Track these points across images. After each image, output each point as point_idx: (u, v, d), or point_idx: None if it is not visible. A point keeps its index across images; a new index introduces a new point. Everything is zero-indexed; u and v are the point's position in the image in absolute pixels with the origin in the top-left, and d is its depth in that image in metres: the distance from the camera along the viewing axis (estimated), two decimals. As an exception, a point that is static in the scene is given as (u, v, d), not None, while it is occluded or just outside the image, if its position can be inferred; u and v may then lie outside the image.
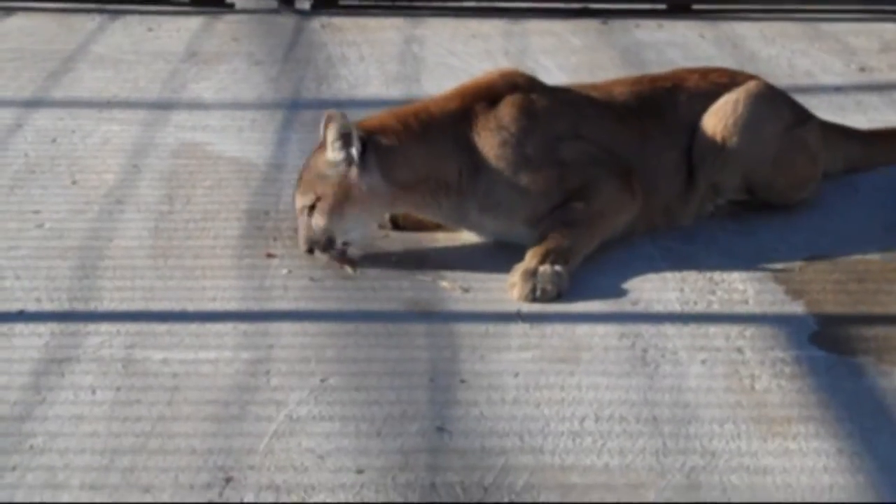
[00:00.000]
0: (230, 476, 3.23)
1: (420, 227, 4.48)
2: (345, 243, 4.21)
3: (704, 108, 4.51)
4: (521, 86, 4.37)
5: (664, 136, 4.46)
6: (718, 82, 4.60)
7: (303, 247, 4.19)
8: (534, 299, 4.04)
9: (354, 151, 4.11)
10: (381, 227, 4.50)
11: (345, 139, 4.10)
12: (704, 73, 4.68)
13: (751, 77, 4.74)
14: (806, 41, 6.64)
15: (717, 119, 4.47)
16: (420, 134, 4.21)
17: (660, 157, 4.44)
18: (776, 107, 4.58)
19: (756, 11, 7.09)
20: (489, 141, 4.22)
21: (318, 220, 4.13)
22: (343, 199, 4.13)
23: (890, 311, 4.02)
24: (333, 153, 4.12)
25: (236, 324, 3.91)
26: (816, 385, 3.62)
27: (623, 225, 4.35)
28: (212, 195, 4.76)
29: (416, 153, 4.20)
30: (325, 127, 4.20)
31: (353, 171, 4.13)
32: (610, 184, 4.28)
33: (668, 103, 4.52)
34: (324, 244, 4.17)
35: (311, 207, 4.14)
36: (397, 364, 3.72)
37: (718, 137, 4.45)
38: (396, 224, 4.50)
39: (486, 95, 4.31)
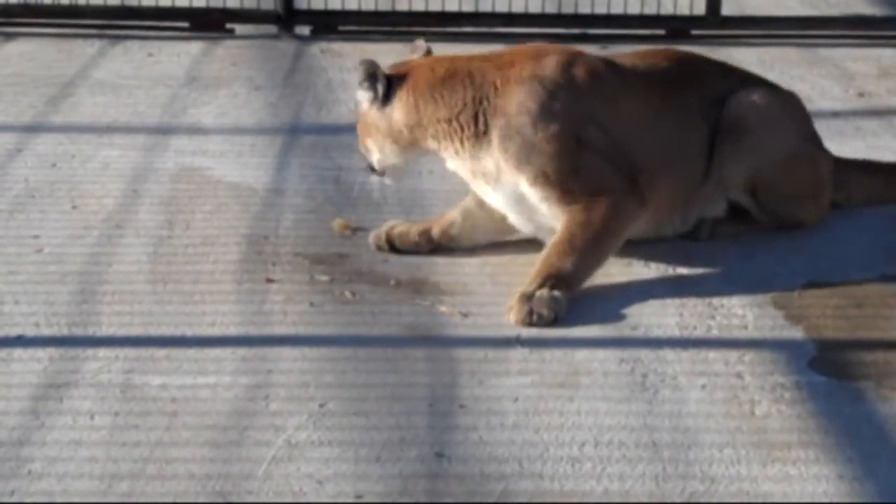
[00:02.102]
0: (228, 501, 3.22)
1: (417, 249, 4.49)
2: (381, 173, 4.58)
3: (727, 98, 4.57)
4: (573, 51, 4.46)
5: (693, 113, 4.52)
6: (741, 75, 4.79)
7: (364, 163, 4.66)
8: (530, 323, 4.03)
9: (380, 88, 4.36)
10: (380, 249, 4.51)
11: (371, 79, 4.36)
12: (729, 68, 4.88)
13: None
14: (804, 66, 6.65)
15: (740, 108, 4.52)
16: (442, 79, 4.33)
17: (684, 135, 4.49)
18: (797, 113, 4.70)
19: (754, 37, 7.10)
20: (520, 85, 4.25)
21: (360, 145, 4.57)
22: (367, 132, 4.46)
23: (889, 337, 4.02)
24: (361, 91, 4.41)
25: (235, 349, 3.91)
26: (816, 410, 3.61)
27: (629, 234, 4.34)
28: (211, 220, 4.77)
29: (432, 97, 4.32)
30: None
31: (375, 107, 4.38)
32: (617, 196, 4.24)
33: (696, 82, 4.60)
34: (369, 165, 4.60)
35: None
36: (396, 389, 3.71)
37: (737, 126, 4.50)
38: (393, 246, 4.51)
39: (535, 54, 4.38)
